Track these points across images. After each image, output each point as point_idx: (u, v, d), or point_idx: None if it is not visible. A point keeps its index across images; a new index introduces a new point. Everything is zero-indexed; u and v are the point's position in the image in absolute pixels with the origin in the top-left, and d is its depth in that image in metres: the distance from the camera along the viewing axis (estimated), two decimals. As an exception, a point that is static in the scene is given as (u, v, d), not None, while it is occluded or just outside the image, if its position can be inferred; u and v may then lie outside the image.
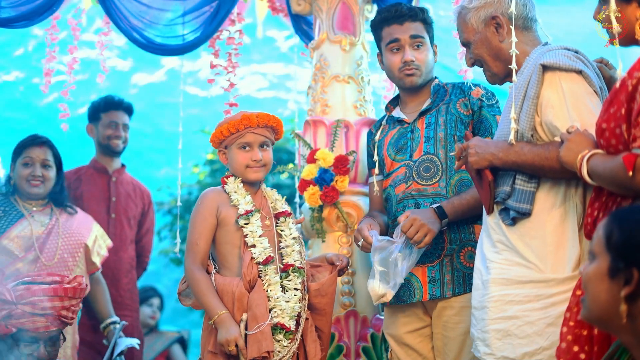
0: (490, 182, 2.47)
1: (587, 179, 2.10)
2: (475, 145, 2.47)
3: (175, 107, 4.11)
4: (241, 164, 2.82)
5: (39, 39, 10.00)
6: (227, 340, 2.61)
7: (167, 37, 3.97)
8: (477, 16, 2.59)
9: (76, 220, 3.86)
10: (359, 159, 3.59)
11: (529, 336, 2.34)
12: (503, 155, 2.39)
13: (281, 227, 2.83)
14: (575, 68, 2.35)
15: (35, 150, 3.74)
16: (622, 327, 1.64)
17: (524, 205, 2.39)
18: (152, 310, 5.55)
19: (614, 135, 2.04)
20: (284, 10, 4.22)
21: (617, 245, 1.64)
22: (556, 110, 2.34)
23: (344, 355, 3.44)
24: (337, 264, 2.88)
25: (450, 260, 2.94)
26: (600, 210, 2.15)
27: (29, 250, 3.64)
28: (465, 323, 2.86)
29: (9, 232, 3.64)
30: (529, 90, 2.38)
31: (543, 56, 2.40)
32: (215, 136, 2.85)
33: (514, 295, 2.38)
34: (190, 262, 2.74)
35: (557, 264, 2.34)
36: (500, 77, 2.61)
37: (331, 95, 3.71)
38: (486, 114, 3.02)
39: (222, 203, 2.79)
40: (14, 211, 3.70)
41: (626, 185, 1.95)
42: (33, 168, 3.71)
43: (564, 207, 2.37)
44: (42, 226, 3.70)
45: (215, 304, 2.66)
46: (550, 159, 2.29)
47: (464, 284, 2.91)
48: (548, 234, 2.37)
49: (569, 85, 2.34)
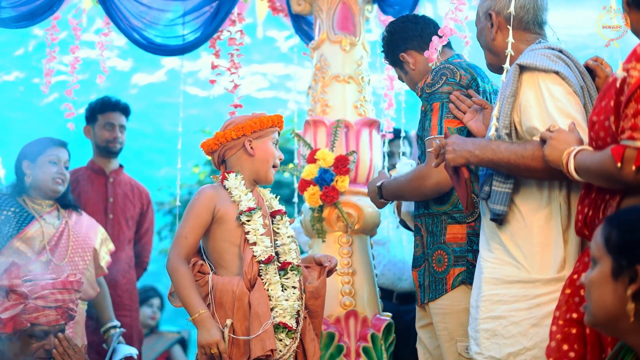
0: (467, 180, 2.46)
1: (574, 174, 2.10)
2: (453, 143, 2.47)
3: (176, 108, 4.11)
4: (272, 159, 2.81)
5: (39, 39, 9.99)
6: (207, 342, 2.57)
7: (167, 38, 3.97)
8: (483, 7, 2.66)
9: (84, 224, 3.89)
10: (359, 159, 3.59)
11: (513, 336, 2.35)
12: (480, 153, 2.38)
13: (278, 225, 2.82)
14: (551, 69, 2.35)
15: (59, 150, 3.80)
16: (629, 328, 1.64)
17: (499, 206, 2.39)
18: (152, 311, 5.55)
19: (603, 127, 2.04)
20: (284, 10, 4.22)
21: (617, 246, 1.64)
22: (535, 111, 2.34)
23: (344, 355, 3.44)
24: (325, 265, 2.87)
25: (428, 265, 2.92)
26: (590, 208, 2.15)
27: (41, 252, 3.65)
28: (447, 330, 2.85)
29: (22, 234, 3.66)
30: (505, 89, 2.40)
31: (522, 56, 2.42)
32: (255, 123, 2.78)
33: (503, 294, 2.39)
34: (175, 254, 2.67)
35: (543, 265, 2.35)
36: (495, 68, 2.67)
37: (331, 95, 3.71)
38: (424, 103, 2.95)
39: (220, 200, 2.74)
40: (25, 213, 3.71)
41: (615, 177, 1.94)
42: (59, 167, 3.77)
43: (549, 208, 2.38)
44: (54, 228, 3.72)
45: (196, 301, 2.61)
46: (526, 157, 2.28)
47: (435, 289, 2.87)
48: (534, 235, 2.37)
49: (548, 86, 2.34)
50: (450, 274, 2.82)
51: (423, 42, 3.09)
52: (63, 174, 3.79)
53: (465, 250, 2.83)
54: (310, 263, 2.90)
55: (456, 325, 2.81)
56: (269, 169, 2.82)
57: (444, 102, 2.83)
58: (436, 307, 2.87)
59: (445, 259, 2.85)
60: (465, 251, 2.83)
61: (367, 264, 3.59)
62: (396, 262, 4.39)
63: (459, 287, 2.81)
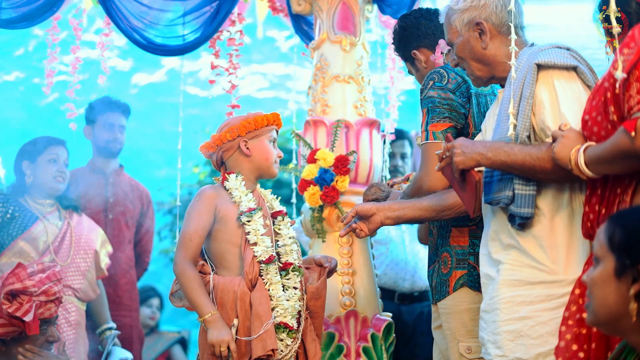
0: (477, 183, 2.41)
1: (585, 169, 2.09)
2: (461, 145, 2.40)
3: (176, 108, 4.11)
4: (272, 157, 2.83)
5: (39, 39, 10.00)
6: (218, 341, 2.59)
7: (167, 38, 3.97)
8: (461, 19, 2.55)
9: (85, 225, 3.90)
10: (359, 159, 3.59)
11: (542, 336, 2.31)
12: (492, 155, 2.33)
13: (279, 226, 2.82)
14: (569, 65, 2.33)
15: (58, 148, 3.82)
16: (631, 327, 1.64)
17: (526, 209, 2.35)
18: (152, 311, 5.54)
19: (596, 122, 2.05)
20: (284, 10, 4.22)
21: (621, 244, 1.64)
22: (548, 110, 2.31)
23: (344, 355, 3.45)
24: (325, 266, 2.87)
25: (438, 266, 2.92)
26: (601, 206, 2.14)
27: (45, 252, 3.66)
28: (450, 330, 2.85)
29: (27, 234, 3.66)
30: (524, 90, 2.35)
31: (537, 55, 2.38)
32: (249, 123, 2.80)
33: (525, 296, 2.34)
34: (181, 257, 2.69)
35: (569, 264, 2.31)
36: (484, 80, 2.58)
37: (331, 95, 3.71)
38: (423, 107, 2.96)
39: (221, 200, 2.76)
40: (28, 213, 3.72)
41: (630, 152, 1.93)
42: (58, 165, 3.78)
43: (570, 207, 2.35)
44: (57, 228, 3.73)
45: (206, 303, 2.64)
46: (541, 159, 2.24)
47: (440, 290, 2.88)
48: (559, 235, 2.34)
49: (562, 84, 2.32)
50: (453, 277, 2.82)
51: (435, 41, 3.10)
52: (63, 171, 3.80)
53: (467, 253, 2.82)
54: (310, 264, 2.91)
55: (458, 325, 2.81)
56: (271, 165, 2.84)
57: (429, 107, 2.83)
58: (442, 306, 2.87)
59: (449, 261, 2.85)
60: (467, 254, 2.82)
61: (367, 264, 3.59)
62: (398, 262, 4.40)
63: (461, 289, 2.81)
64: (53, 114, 5.32)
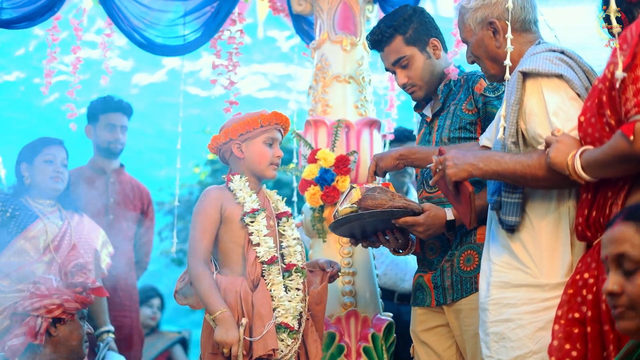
0: (471, 194, 2.40)
1: (582, 173, 2.09)
2: (452, 157, 2.40)
3: (176, 107, 4.11)
4: (267, 159, 2.81)
5: (39, 39, 10.01)
6: (224, 340, 2.59)
7: (168, 38, 3.96)
8: (474, 17, 2.56)
9: (86, 225, 3.89)
10: (360, 159, 3.59)
11: (520, 339, 2.33)
12: (483, 165, 2.33)
13: (283, 227, 2.83)
14: (555, 72, 2.31)
15: (55, 148, 3.80)
16: None
17: (511, 217, 2.37)
18: (152, 311, 5.54)
19: (590, 124, 2.06)
20: (284, 10, 4.21)
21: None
22: (539, 119, 2.31)
23: (344, 356, 3.45)
24: (328, 271, 2.88)
25: (450, 266, 2.91)
26: (593, 209, 2.15)
27: (45, 251, 3.65)
28: (474, 325, 2.85)
29: (26, 233, 3.66)
30: (510, 97, 2.36)
31: (524, 62, 2.38)
32: (240, 126, 2.80)
33: (510, 298, 2.37)
34: (195, 261, 2.70)
35: (551, 269, 2.33)
36: (498, 78, 2.58)
37: (332, 95, 3.71)
38: (491, 110, 2.90)
39: (226, 200, 2.77)
40: (29, 211, 3.72)
41: (629, 155, 1.93)
42: (55, 165, 3.76)
43: (558, 212, 2.35)
44: (57, 228, 3.73)
45: (219, 301, 2.64)
46: (532, 166, 2.24)
47: (461, 288, 2.88)
48: (543, 240, 2.35)
49: (550, 92, 2.31)
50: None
51: (443, 41, 3.12)
52: (60, 171, 3.78)
53: None
54: (314, 267, 2.92)
55: None
56: (265, 168, 2.82)
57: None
58: (466, 302, 2.85)
59: (475, 258, 2.85)
60: None
61: (367, 264, 3.59)
62: (398, 263, 4.40)
63: None
64: (53, 114, 5.33)
